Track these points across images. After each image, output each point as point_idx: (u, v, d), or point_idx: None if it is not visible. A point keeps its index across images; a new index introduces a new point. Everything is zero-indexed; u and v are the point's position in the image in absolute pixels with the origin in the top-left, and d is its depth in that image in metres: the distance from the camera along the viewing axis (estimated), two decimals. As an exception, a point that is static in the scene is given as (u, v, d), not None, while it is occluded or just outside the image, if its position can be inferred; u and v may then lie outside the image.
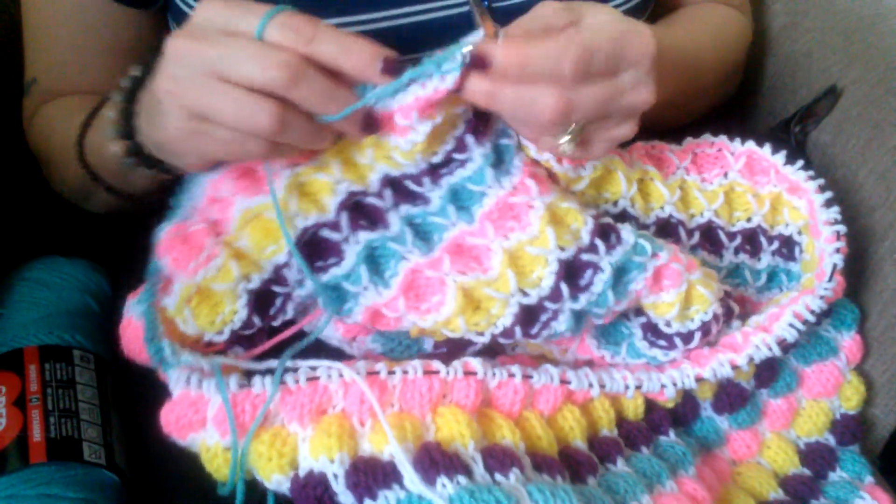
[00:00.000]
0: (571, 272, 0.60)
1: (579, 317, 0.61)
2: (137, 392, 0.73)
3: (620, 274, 0.61)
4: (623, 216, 0.66)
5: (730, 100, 0.95)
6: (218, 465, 0.53)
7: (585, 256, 0.60)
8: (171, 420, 0.53)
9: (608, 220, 0.63)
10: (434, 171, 0.59)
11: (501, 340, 0.60)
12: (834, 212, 0.68)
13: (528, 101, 0.53)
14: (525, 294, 0.58)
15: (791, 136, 0.87)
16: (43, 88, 0.80)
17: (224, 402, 0.51)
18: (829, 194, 0.69)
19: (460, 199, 0.60)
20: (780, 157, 0.71)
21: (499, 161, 0.60)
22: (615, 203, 0.66)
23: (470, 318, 0.58)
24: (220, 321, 0.58)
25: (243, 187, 0.57)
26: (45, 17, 0.77)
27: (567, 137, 0.56)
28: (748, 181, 0.72)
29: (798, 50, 0.93)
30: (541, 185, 0.60)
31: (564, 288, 0.59)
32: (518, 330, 0.59)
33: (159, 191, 0.64)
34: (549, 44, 0.52)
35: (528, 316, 0.60)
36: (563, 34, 0.52)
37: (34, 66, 0.80)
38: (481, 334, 0.59)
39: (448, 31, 0.67)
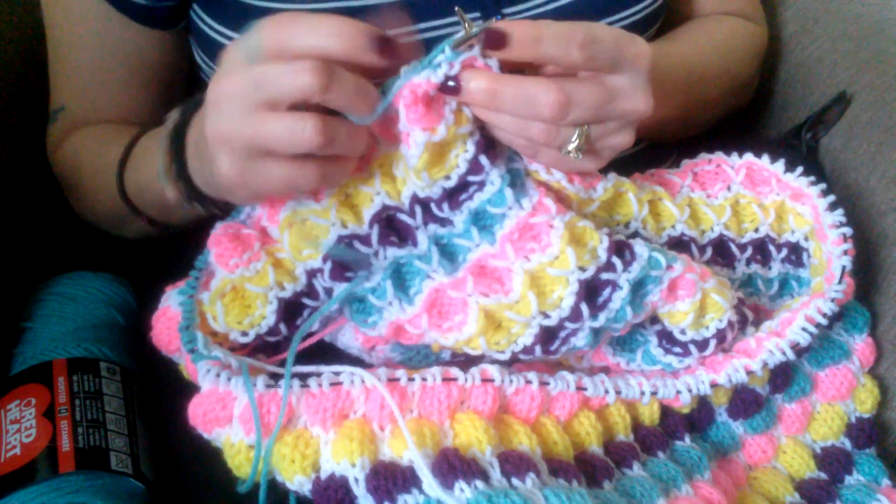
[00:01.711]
0: (590, 291, 0.60)
1: (597, 332, 0.62)
2: (162, 403, 0.75)
3: (637, 288, 0.62)
4: (633, 238, 0.66)
5: (741, 108, 0.95)
6: (240, 461, 0.54)
7: (604, 276, 0.60)
8: (199, 413, 0.54)
9: (620, 236, 0.63)
10: (453, 198, 0.60)
11: (522, 357, 0.61)
12: (838, 214, 0.69)
13: (529, 97, 0.54)
14: (546, 316, 0.59)
15: (802, 143, 0.87)
16: (71, 115, 0.81)
17: (250, 400, 0.52)
18: (831, 197, 0.69)
19: (483, 221, 0.61)
20: (780, 165, 0.71)
21: (514, 182, 0.61)
22: (626, 225, 0.66)
23: (491, 338, 0.59)
24: (248, 323, 0.60)
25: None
26: (70, 43, 0.79)
27: (574, 144, 0.57)
28: (751, 192, 0.72)
29: (809, 56, 0.93)
30: (557, 204, 0.61)
31: (584, 308, 0.59)
32: (538, 348, 0.60)
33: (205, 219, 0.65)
34: (559, 24, 0.53)
35: (548, 335, 0.60)
36: (568, 22, 0.54)
37: (61, 93, 0.81)
38: (502, 353, 0.60)
39: (420, 10, 0.67)
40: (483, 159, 0.59)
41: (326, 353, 0.64)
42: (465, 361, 0.61)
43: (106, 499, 0.64)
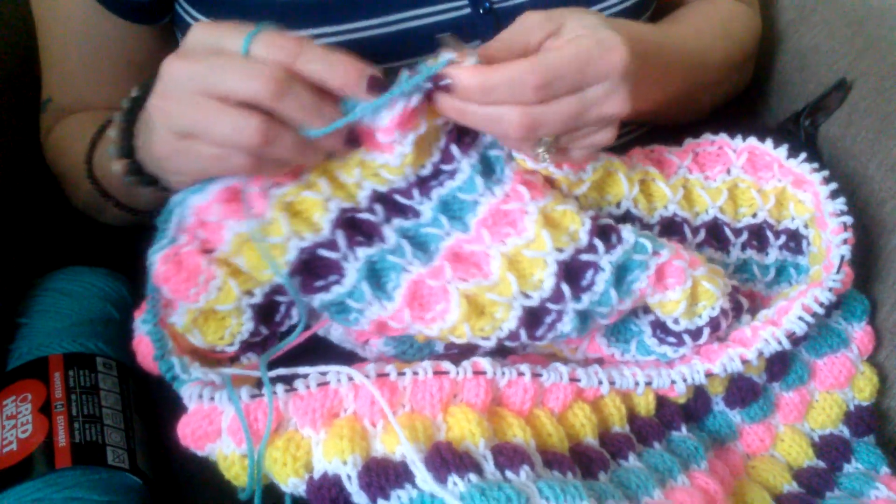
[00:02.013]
0: (572, 273, 0.60)
1: (584, 318, 0.62)
2: (159, 397, 0.74)
3: (622, 273, 0.62)
4: (627, 217, 0.67)
5: (739, 95, 0.95)
6: (236, 472, 0.54)
7: (585, 257, 0.60)
8: (188, 433, 0.54)
9: (608, 220, 0.63)
10: (423, 184, 0.60)
11: (508, 344, 0.61)
12: (840, 203, 0.68)
13: (495, 118, 0.55)
14: (527, 296, 0.59)
15: (801, 130, 0.87)
16: (58, 106, 0.82)
17: (237, 412, 0.53)
18: (833, 185, 0.69)
19: (452, 210, 0.61)
20: (783, 150, 0.71)
21: (489, 171, 0.61)
22: (618, 205, 0.67)
23: (475, 324, 0.59)
24: (229, 335, 0.60)
25: (232, 211, 0.57)
26: (58, 36, 0.79)
27: (542, 148, 0.58)
28: (752, 177, 0.72)
29: (806, 44, 0.93)
30: (533, 190, 0.61)
31: (566, 289, 0.59)
32: (523, 333, 0.60)
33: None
34: (511, 69, 0.53)
35: (533, 318, 0.60)
36: (525, 60, 0.54)
37: (49, 84, 0.82)
38: (487, 339, 0.60)
39: (427, 39, 0.68)
40: (454, 149, 0.59)
41: (320, 347, 0.64)
42: (459, 354, 0.61)
43: (103, 494, 0.64)
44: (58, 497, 0.63)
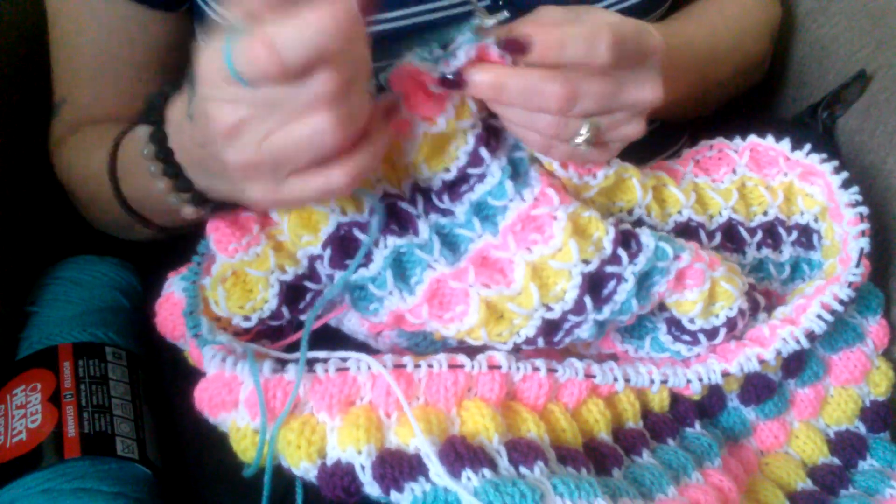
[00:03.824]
0: (595, 284, 0.60)
1: (602, 324, 0.62)
2: (168, 388, 0.74)
3: (643, 280, 0.61)
4: (638, 225, 0.65)
5: (755, 86, 0.94)
6: (246, 446, 0.53)
7: (609, 269, 0.59)
8: (205, 398, 0.54)
9: (627, 226, 0.62)
10: (453, 189, 0.60)
11: (524, 348, 0.60)
12: (853, 192, 0.67)
13: (535, 90, 0.53)
14: (549, 308, 0.59)
15: (818, 122, 0.86)
16: (73, 107, 0.79)
17: (256, 385, 0.52)
18: (845, 174, 0.68)
19: (484, 211, 0.60)
20: (786, 143, 0.70)
21: (516, 174, 0.60)
22: (630, 212, 0.65)
23: (492, 329, 0.58)
24: (251, 307, 0.59)
25: None
26: (71, 31, 0.77)
27: (583, 136, 0.56)
28: (758, 174, 0.71)
29: (825, 34, 0.92)
30: (561, 194, 0.60)
31: (588, 301, 0.59)
32: (541, 340, 0.60)
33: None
34: (582, 28, 0.52)
35: (551, 327, 0.60)
36: (590, 20, 0.52)
37: (63, 84, 0.80)
38: (504, 343, 0.59)
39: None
40: (483, 152, 0.58)
41: (332, 338, 0.63)
42: (472, 348, 0.61)
43: (112, 484, 0.64)
44: (67, 487, 0.63)
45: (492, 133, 0.59)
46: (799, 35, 0.95)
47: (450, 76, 0.53)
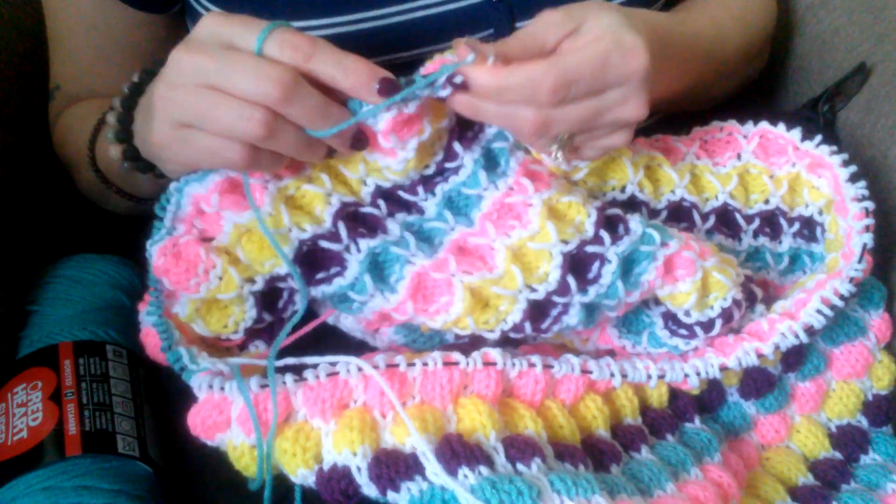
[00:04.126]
0: (578, 265, 0.60)
1: (591, 310, 0.61)
2: (169, 385, 0.74)
3: (630, 265, 0.61)
4: (632, 202, 0.66)
5: (756, 80, 0.93)
6: (246, 462, 0.54)
7: (590, 248, 0.60)
8: (198, 423, 0.54)
9: (616, 210, 0.62)
10: (427, 181, 0.60)
11: (512, 335, 0.60)
12: (860, 187, 0.67)
13: (509, 115, 0.54)
14: (532, 290, 0.58)
15: (819, 116, 0.85)
16: (66, 94, 0.81)
17: (246, 402, 0.52)
18: (853, 168, 0.68)
19: (456, 206, 0.61)
20: (797, 133, 0.70)
21: (493, 164, 0.61)
22: (623, 189, 0.66)
23: (479, 317, 0.58)
24: (233, 323, 0.60)
25: (230, 203, 0.57)
26: (67, 25, 0.79)
27: (555, 146, 0.57)
28: (763, 162, 0.70)
29: (826, 28, 0.91)
30: (538, 182, 0.60)
31: (572, 281, 0.59)
32: (528, 326, 0.59)
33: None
34: (527, 70, 0.53)
35: (538, 311, 0.60)
36: (542, 62, 0.53)
37: (58, 73, 0.82)
38: (491, 331, 0.59)
39: (440, 28, 0.68)
40: (457, 146, 0.59)
41: (329, 338, 0.63)
42: (469, 344, 0.61)
43: (113, 482, 0.64)
44: (68, 485, 0.63)
45: (466, 126, 0.60)
46: (799, 29, 0.94)
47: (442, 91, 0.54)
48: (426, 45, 0.71)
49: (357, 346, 0.64)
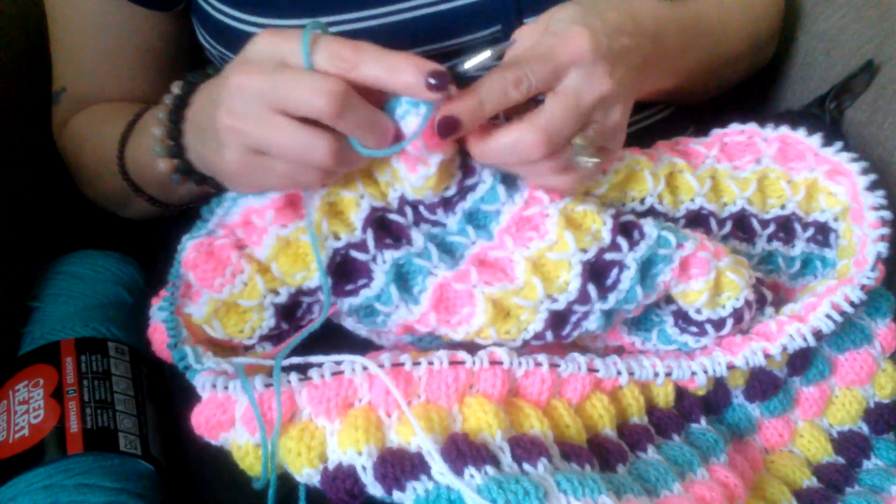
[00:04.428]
0: (597, 273, 0.60)
1: (609, 314, 0.61)
2: (172, 383, 0.74)
3: (646, 268, 0.61)
4: (651, 213, 0.66)
5: (762, 77, 0.93)
6: (250, 462, 0.54)
7: (609, 256, 0.60)
8: (202, 422, 0.54)
9: (629, 217, 0.62)
10: (448, 202, 0.61)
11: (533, 343, 0.60)
12: (879, 195, 0.67)
13: (513, 146, 0.55)
14: (553, 300, 0.59)
15: (826, 114, 0.85)
16: (73, 96, 0.81)
17: (251, 402, 0.52)
18: (873, 177, 0.67)
19: (476, 220, 0.61)
20: (817, 138, 0.69)
21: (510, 179, 0.61)
22: (642, 201, 0.66)
23: (500, 327, 0.58)
24: (249, 329, 0.60)
25: (280, 217, 0.58)
26: (71, 25, 0.78)
27: (581, 152, 0.57)
28: (782, 167, 0.70)
29: (832, 26, 0.91)
30: (552, 193, 0.60)
31: (592, 289, 0.59)
32: (549, 333, 0.59)
33: (201, 199, 0.65)
34: (490, 78, 0.55)
35: (559, 319, 0.60)
36: (498, 70, 0.55)
37: (63, 75, 0.81)
38: (513, 341, 0.59)
39: (448, 25, 0.68)
40: (473, 161, 0.59)
41: (333, 335, 0.63)
42: (474, 344, 0.60)
43: (114, 480, 0.64)
44: (69, 483, 0.63)
45: None
46: (806, 27, 0.94)
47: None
48: (433, 42, 0.71)
49: (362, 345, 0.63)
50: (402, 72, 0.52)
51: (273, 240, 0.58)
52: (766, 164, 0.70)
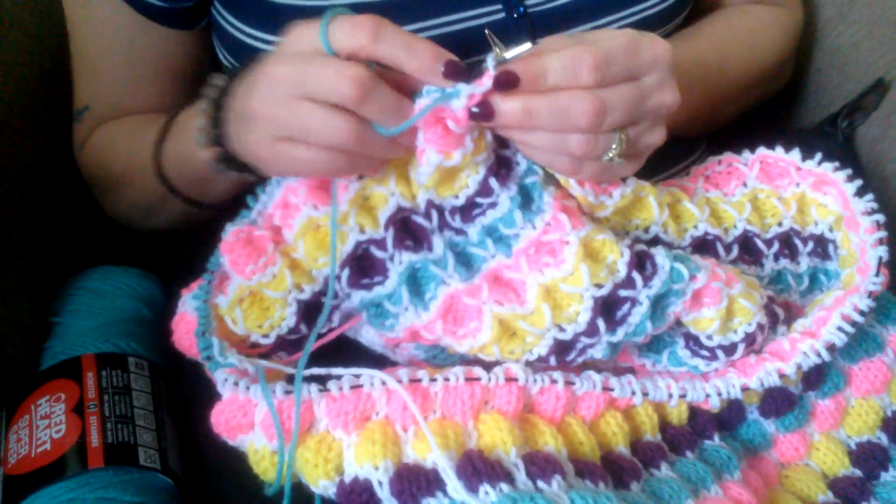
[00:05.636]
0: (608, 307, 0.60)
1: (616, 345, 0.61)
2: (190, 398, 0.75)
3: (658, 300, 0.61)
4: (655, 243, 0.65)
5: (774, 95, 0.93)
6: (265, 467, 0.54)
7: (623, 292, 0.59)
8: (221, 421, 0.54)
9: (642, 246, 0.62)
10: (465, 213, 0.60)
11: (536, 365, 0.60)
12: (868, 200, 0.67)
13: (563, 108, 0.53)
14: (561, 329, 0.59)
15: (838, 131, 0.85)
16: (96, 115, 0.81)
17: (270, 408, 0.52)
18: (858, 182, 0.67)
19: (497, 233, 0.61)
20: (796, 154, 0.69)
21: (527, 200, 0.60)
22: (646, 230, 0.65)
23: (505, 346, 0.59)
24: (269, 325, 0.60)
25: (315, 197, 0.58)
26: (93, 45, 0.79)
27: (615, 149, 0.56)
28: (769, 185, 0.70)
29: (845, 42, 0.91)
30: (573, 218, 0.60)
31: (601, 323, 0.59)
32: (553, 359, 0.60)
33: (236, 196, 0.67)
34: (565, 52, 0.53)
35: (564, 347, 0.60)
36: (578, 44, 0.53)
37: (85, 93, 0.82)
38: (516, 361, 0.59)
39: (460, 45, 0.68)
40: (493, 182, 0.59)
41: (349, 350, 0.63)
42: (489, 361, 0.61)
43: (135, 494, 0.65)
44: (90, 497, 0.63)
45: (502, 163, 0.59)
46: (818, 43, 0.94)
47: (476, 109, 0.53)
48: (433, 17, 0.71)
49: (377, 360, 0.64)
50: (421, 54, 0.52)
51: (304, 219, 0.58)
52: (753, 185, 0.70)
